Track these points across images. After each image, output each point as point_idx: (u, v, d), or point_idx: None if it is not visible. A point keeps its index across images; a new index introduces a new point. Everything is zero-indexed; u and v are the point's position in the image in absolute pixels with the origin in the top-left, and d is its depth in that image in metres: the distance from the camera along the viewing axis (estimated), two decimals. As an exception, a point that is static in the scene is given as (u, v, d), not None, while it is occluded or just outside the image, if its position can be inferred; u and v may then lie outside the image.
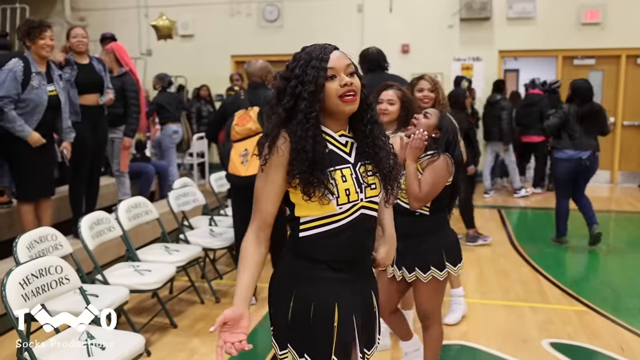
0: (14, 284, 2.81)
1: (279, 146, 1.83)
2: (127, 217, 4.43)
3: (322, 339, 1.88)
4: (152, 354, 3.83)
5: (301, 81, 1.83)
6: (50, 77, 4.59)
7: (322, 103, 1.84)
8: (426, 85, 3.90)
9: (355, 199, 1.86)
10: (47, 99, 4.48)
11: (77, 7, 12.32)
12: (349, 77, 1.85)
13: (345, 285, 1.91)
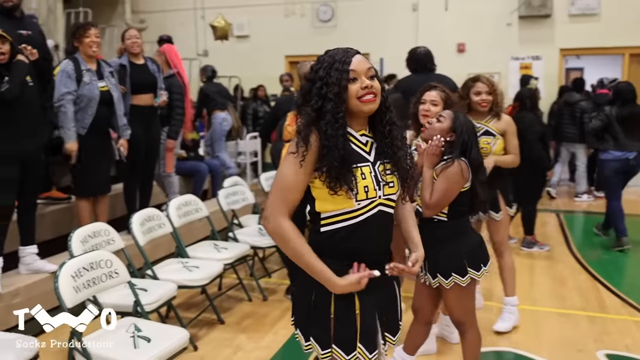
0: (66, 276, 2.90)
1: (312, 143, 1.90)
2: (178, 214, 4.51)
3: (346, 329, 1.96)
4: (199, 349, 3.89)
5: (325, 83, 1.92)
6: (100, 74, 4.73)
7: (346, 106, 1.93)
8: (483, 88, 3.80)
9: (374, 196, 1.95)
10: (99, 94, 4.62)
11: (137, 9, 12.67)
12: (369, 80, 1.94)
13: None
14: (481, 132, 3.75)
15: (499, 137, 3.87)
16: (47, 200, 5.21)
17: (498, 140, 3.86)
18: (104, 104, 4.66)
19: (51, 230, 4.89)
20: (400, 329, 2.16)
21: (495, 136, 3.87)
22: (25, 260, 4.32)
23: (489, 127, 3.87)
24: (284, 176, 1.95)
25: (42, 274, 4.27)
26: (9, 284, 4.10)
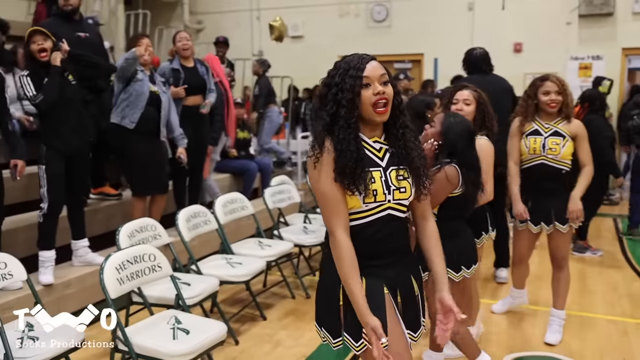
0: (111, 268, 3.03)
1: (328, 147, 1.97)
2: (223, 211, 4.62)
3: (355, 320, 1.99)
4: (240, 343, 3.98)
5: (340, 89, 1.98)
6: (153, 80, 4.88)
7: (358, 112, 1.99)
8: (553, 88, 3.66)
9: (382, 200, 2.01)
10: (148, 92, 4.76)
11: (195, 10, 12.96)
12: (382, 86, 1.98)
13: (376, 272, 2.05)
14: (549, 132, 3.71)
15: (569, 139, 3.69)
16: (100, 195, 5.41)
17: (568, 142, 3.68)
18: (152, 105, 4.80)
19: (104, 225, 5.07)
20: (422, 327, 2.18)
21: (565, 137, 3.69)
22: (77, 253, 4.52)
23: (558, 128, 3.71)
24: (318, 190, 2.01)
25: (93, 266, 4.45)
26: (62, 276, 4.30)
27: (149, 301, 3.51)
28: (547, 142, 3.69)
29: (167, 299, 3.50)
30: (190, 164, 5.35)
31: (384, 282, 2.05)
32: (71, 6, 5.04)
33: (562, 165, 3.72)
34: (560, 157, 3.69)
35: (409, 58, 11.53)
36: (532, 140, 3.74)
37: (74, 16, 5.12)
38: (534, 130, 3.76)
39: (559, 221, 3.78)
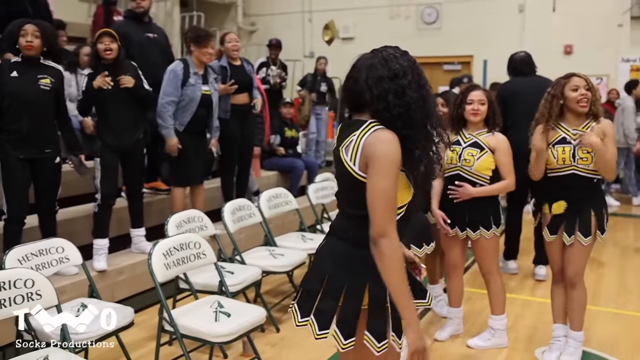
0: (158, 254, 3.23)
1: None
2: (268, 205, 4.80)
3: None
4: (280, 331, 4.14)
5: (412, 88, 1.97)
6: (206, 78, 5.06)
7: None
8: (581, 83, 3.33)
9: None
10: (200, 96, 4.93)
11: (249, 13, 13.26)
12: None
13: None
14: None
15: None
16: (152, 190, 5.68)
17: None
18: (203, 107, 4.99)
19: (155, 218, 5.32)
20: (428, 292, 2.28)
21: None
22: (134, 241, 4.79)
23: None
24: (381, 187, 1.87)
25: (145, 255, 4.69)
26: (116, 263, 4.56)
27: (195, 288, 3.71)
28: (578, 152, 3.35)
29: (211, 286, 3.69)
30: (238, 160, 5.56)
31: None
32: (142, 8, 5.42)
33: (594, 174, 3.38)
34: (592, 167, 3.35)
35: (459, 60, 11.52)
36: (560, 150, 3.38)
37: (144, 18, 5.50)
38: (561, 139, 3.39)
39: (582, 231, 3.43)
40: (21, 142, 3.89)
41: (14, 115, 3.88)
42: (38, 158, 3.98)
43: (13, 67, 3.92)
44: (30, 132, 3.91)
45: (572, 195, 3.42)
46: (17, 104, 3.87)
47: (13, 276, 2.69)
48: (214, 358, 3.68)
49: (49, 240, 3.37)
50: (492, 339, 3.87)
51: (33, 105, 3.93)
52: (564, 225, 3.46)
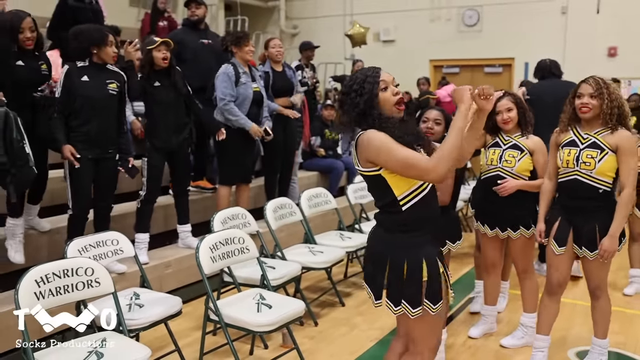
0: (205, 248, 3.45)
1: None
2: (308, 204, 4.98)
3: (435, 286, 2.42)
4: (319, 325, 4.32)
5: (359, 93, 2.35)
6: (253, 76, 5.31)
7: (379, 110, 2.35)
8: (586, 90, 3.20)
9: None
10: (252, 93, 5.19)
11: (291, 16, 13.52)
12: (396, 87, 2.40)
13: (434, 244, 2.49)
14: (587, 143, 3.24)
15: (608, 151, 3.20)
16: (197, 188, 5.93)
17: (606, 156, 3.20)
18: (255, 104, 5.24)
19: (200, 215, 5.55)
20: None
21: (604, 150, 3.20)
22: (181, 236, 5.04)
23: (597, 139, 3.23)
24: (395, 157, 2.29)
25: (191, 250, 4.92)
26: (163, 257, 4.80)
27: (238, 281, 3.92)
28: (582, 155, 3.24)
29: (253, 280, 3.89)
30: (280, 162, 5.78)
31: (434, 254, 2.43)
32: (197, 16, 5.88)
33: (598, 183, 3.23)
34: (595, 173, 3.22)
35: (500, 62, 11.54)
36: (566, 151, 3.30)
37: (200, 25, 5.89)
38: (570, 141, 3.31)
39: (588, 247, 3.31)
40: (89, 143, 4.09)
41: (85, 117, 4.07)
42: (102, 158, 4.19)
43: (82, 72, 4.07)
44: (98, 133, 4.11)
45: (574, 203, 3.32)
46: (88, 106, 4.07)
47: (75, 264, 2.94)
48: (255, 348, 3.88)
49: (105, 233, 3.63)
50: (524, 337, 3.96)
51: (102, 108, 4.12)
52: (572, 237, 3.34)
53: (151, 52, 4.61)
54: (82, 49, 4.07)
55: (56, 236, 4.43)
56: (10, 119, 3.57)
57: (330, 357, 3.83)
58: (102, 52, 4.11)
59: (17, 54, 3.94)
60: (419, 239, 2.40)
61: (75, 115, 4.07)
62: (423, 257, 2.38)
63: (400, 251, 2.39)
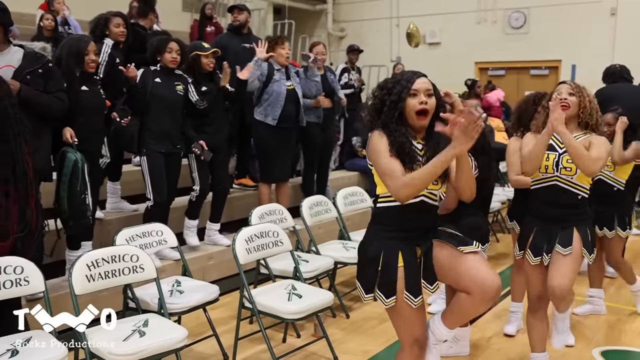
0: (241, 240, 3.70)
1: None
2: (344, 202, 5.19)
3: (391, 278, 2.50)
4: (350, 317, 4.53)
5: (389, 92, 2.49)
6: (287, 75, 5.62)
7: (403, 112, 2.46)
8: (566, 89, 3.14)
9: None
10: (285, 90, 5.49)
11: (338, 19, 13.73)
12: (426, 97, 2.45)
13: (406, 242, 2.52)
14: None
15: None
16: (240, 186, 6.22)
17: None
18: (290, 101, 5.53)
19: (242, 211, 5.82)
20: (437, 283, 2.62)
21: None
22: (208, 233, 5.33)
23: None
24: (381, 164, 2.45)
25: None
26: (205, 250, 5.13)
27: (273, 273, 4.16)
28: (562, 160, 3.13)
29: (287, 272, 4.12)
30: (318, 160, 6.02)
31: (400, 249, 2.49)
32: (239, 22, 6.29)
33: (577, 189, 3.15)
34: (576, 179, 3.13)
35: (546, 65, 11.47)
36: (545, 156, 3.15)
37: (243, 30, 6.26)
38: (548, 145, 3.14)
39: (562, 244, 3.17)
40: (161, 138, 4.59)
41: (157, 114, 4.59)
42: (172, 152, 4.68)
43: (155, 74, 4.64)
44: (168, 130, 4.62)
45: (553, 212, 3.20)
46: (160, 105, 4.60)
47: (122, 251, 3.24)
48: (288, 337, 4.11)
49: (151, 224, 3.93)
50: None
51: (171, 106, 4.65)
52: (544, 246, 3.22)
53: (200, 58, 4.91)
54: (153, 58, 4.66)
55: (108, 226, 4.78)
56: (78, 168, 3.88)
57: (359, 347, 4.03)
58: (163, 58, 4.65)
59: (80, 79, 4.17)
60: (389, 233, 2.52)
61: (148, 113, 4.57)
62: (383, 248, 2.51)
63: (368, 239, 2.60)
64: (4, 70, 3.61)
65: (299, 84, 5.71)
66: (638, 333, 4.30)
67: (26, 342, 2.80)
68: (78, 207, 3.91)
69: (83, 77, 4.18)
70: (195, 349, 3.89)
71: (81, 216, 3.95)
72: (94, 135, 4.26)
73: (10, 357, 2.65)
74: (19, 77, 3.61)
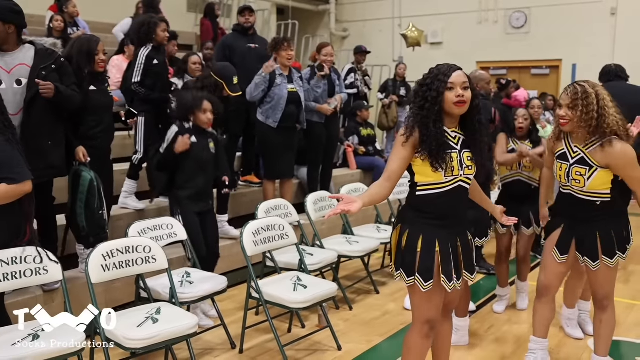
0: (249, 233, 3.84)
1: (415, 131, 2.63)
2: (347, 198, 5.32)
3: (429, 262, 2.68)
4: (353, 309, 4.68)
5: (429, 88, 2.62)
6: (291, 78, 5.73)
7: (442, 105, 2.61)
8: (565, 101, 3.12)
9: (457, 174, 2.67)
10: (287, 94, 5.60)
11: (341, 19, 13.87)
12: (462, 90, 2.60)
13: (443, 229, 2.71)
14: (576, 159, 3.17)
15: (597, 168, 3.09)
16: (246, 183, 6.38)
17: (596, 173, 3.09)
18: (292, 103, 5.65)
19: (248, 207, 5.96)
20: (476, 272, 2.91)
21: (593, 167, 3.10)
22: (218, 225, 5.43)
23: (586, 154, 3.14)
24: (390, 154, 2.71)
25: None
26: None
27: (279, 265, 4.31)
28: (572, 172, 3.15)
29: (292, 264, 4.27)
30: (322, 158, 6.18)
31: (438, 237, 2.68)
32: (250, 23, 6.38)
33: (593, 197, 3.16)
34: (587, 189, 3.14)
35: (547, 64, 11.59)
36: (558, 165, 3.23)
37: (250, 31, 6.35)
38: (562, 154, 3.23)
39: (590, 257, 3.25)
40: (196, 198, 4.30)
41: (192, 174, 4.29)
42: (204, 211, 4.39)
43: (190, 133, 4.26)
44: (203, 188, 4.34)
45: (574, 212, 3.25)
46: (196, 165, 4.28)
47: (135, 242, 3.39)
48: (293, 327, 4.26)
49: (161, 218, 4.08)
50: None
51: (206, 166, 4.35)
52: (575, 245, 3.30)
53: (223, 90, 5.01)
54: (184, 115, 4.35)
55: (118, 222, 4.93)
56: (94, 187, 4.00)
57: (361, 337, 4.17)
58: (196, 118, 4.31)
59: (89, 78, 4.24)
60: (426, 219, 2.69)
61: (183, 172, 4.28)
62: (422, 232, 2.68)
63: (407, 223, 2.74)
64: (19, 69, 3.76)
65: (302, 87, 5.82)
66: (634, 325, 4.43)
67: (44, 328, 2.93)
68: (97, 224, 4.04)
69: (91, 76, 4.28)
70: (204, 337, 4.04)
71: (100, 231, 4.07)
72: (103, 133, 4.37)
73: (31, 340, 2.80)
74: (35, 74, 3.74)
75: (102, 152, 4.40)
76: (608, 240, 3.21)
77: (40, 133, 3.80)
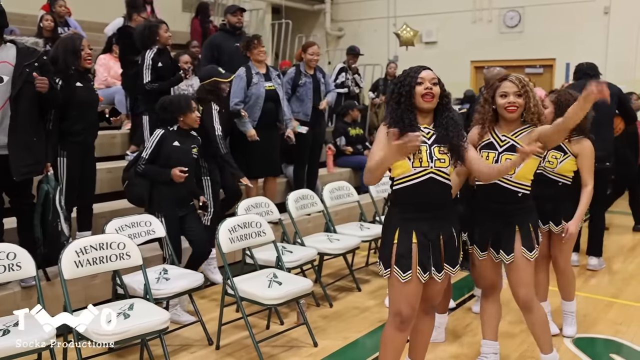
0: (225, 230, 3.88)
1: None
2: (330, 196, 5.37)
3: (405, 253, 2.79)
4: (333, 307, 4.71)
5: (402, 84, 2.82)
6: (268, 76, 5.78)
7: (414, 101, 2.78)
8: (511, 89, 3.10)
9: (427, 166, 2.78)
10: (264, 92, 5.66)
11: (336, 18, 13.89)
12: (431, 84, 2.78)
13: (424, 222, 2.80)
14: (505, 146, 3.15)
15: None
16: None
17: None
18: (270, 101, 5.72)
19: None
20: (458, 264, 2.97)
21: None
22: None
23: (515, 142, 3.13)
24: (373, 148, 2.83)
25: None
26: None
27: (258, 263, 4.34)
28: (501, 160, 3.11)
29: (270, 262, 4.30)
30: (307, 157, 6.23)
31: (415, 230, 2.78)
32: (241, 24, 6.49)
33: (517, 187, 3.16)
34: (515, 178, 3.14)
35: (540, 63, 11.59)
36: (484, 155, 3.16)
37: (238, 31, 6.45)
38: (488, 143, 3.20)
39: (505, 251, 3.21)
40: (177, 202, 4.33)
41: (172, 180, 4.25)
42: (186, 214, 4.43)
43: (175, 136, 4.32)
44: (184, 193, 4.37)
45: (494, 208, 3.21)
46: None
47: (109, 239, 3.44)
48: (272, 324, 4.30)
49: (140, 215, 4.12)
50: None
51: (189, 171, 4.30)
52: (491, 242, 3.27)
53: (219, 84, 5.12)
54: (172, 118, 4.35)
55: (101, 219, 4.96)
56: (49, 199, 4.05)
57: (338, 334, 4.21)
58: (187, 118, 4.34)
59: (76, 75, 4.36)
60: (404, 214, 2.82)
61: None
62: (399, 226, 2.81)
63: (387, 217, 2.94)
64: (1, 67, 3.82)
65: (280, 84, 5.85)
66: (612, 322, 4.45)
67: (16, 323, 2.99)
68: (51, 234, 4.06)
69: (78, 73, 4.41)
70: (182, 334, 4.08)
71: (55, 241, 4.06)
72: (88, 129, 4.50)
73: (1, 335, 2.84)
74: (18, 71, 3.80)
75: (85, 148, 4.50)
76: (524, 233, 3.18)
77: (27, 129, 3.88)
